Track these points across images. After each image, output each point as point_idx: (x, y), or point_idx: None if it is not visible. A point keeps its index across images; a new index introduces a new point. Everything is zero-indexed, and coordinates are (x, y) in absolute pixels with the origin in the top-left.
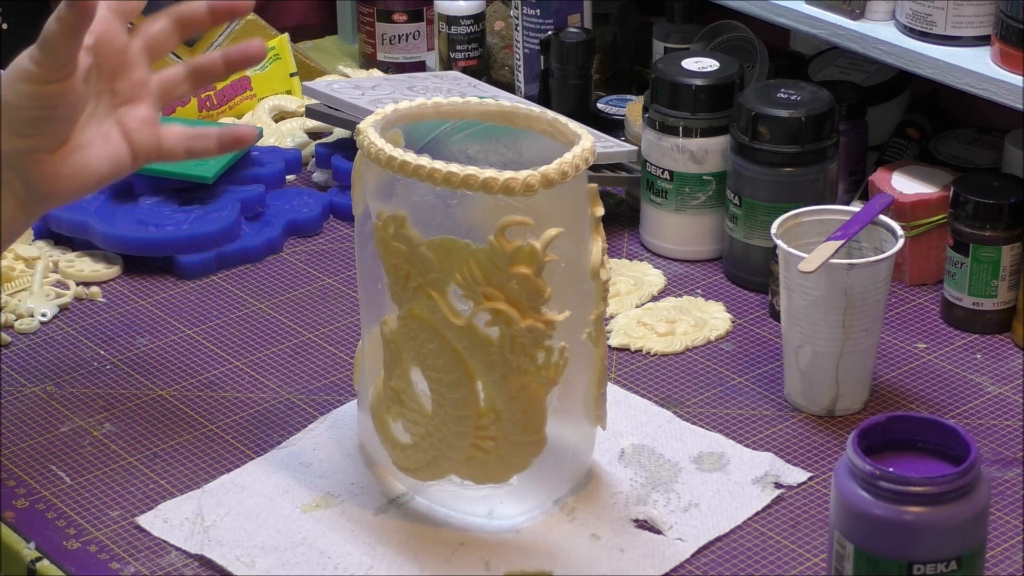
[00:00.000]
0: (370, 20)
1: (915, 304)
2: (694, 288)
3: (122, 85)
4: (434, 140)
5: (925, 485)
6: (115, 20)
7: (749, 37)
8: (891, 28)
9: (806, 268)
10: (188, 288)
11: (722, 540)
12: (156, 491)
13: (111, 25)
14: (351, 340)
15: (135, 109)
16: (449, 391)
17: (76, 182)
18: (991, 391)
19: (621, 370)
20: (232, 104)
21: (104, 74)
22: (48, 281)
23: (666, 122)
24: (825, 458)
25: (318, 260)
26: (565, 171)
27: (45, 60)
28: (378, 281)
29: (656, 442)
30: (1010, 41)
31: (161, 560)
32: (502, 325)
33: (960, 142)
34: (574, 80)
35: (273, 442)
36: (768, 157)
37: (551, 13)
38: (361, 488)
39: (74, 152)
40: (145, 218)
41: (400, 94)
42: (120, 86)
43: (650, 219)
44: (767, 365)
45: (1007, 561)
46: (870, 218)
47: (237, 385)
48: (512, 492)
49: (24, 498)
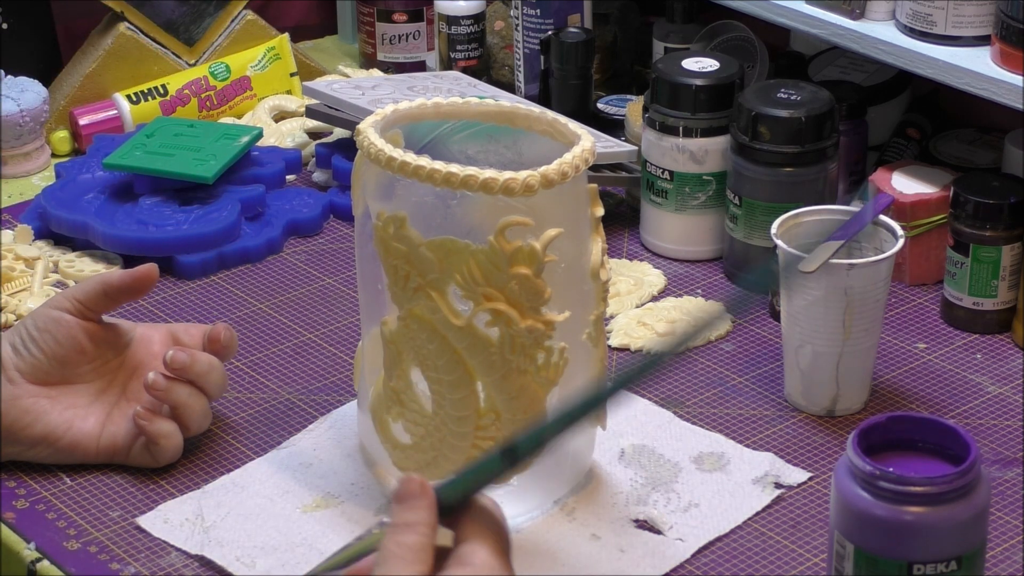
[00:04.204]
0: (370, 20)
1: (915, 304)
2: (694, 288)
3: (134, 385)
4: (434, 140)
5: (925, 485)
6: (172, 342)
7: (749, 37)
8: (891, 28)
9: (806, 268)
10: (188, 288)
11: (722, 540)
12: (156, 492)
13: (167, 344)
14: (351, 340)
15: (128, 408)
16: (449, 391)
17: (29, 423)
18: (991, 391)
19: (621, 370)
20: (232, 104)
21: (126, 368)
22: (48, 281)
23: (666, 122)
24: (825, 458)
25: (318, 260)
26: (565, 171)
27: (85, 300)
28: (378, 281)
29: (656, 442)
30: (1010, 41)
31: (161, 561)
32: (502, 326)
33: (960, 142)
34: (574, 80)
35: (273, 442)
36: (768, 157)
37: (551, 13)
38: (361, 488)
39: (51, 400)
40: (145, 218)
41: (400, 94)
42: (132, 385)
43: (650, 219)
44: (767, 365)
45: (1007, 561)
46: (870, 218)
47: (237, 385)
48: (512, 492)
49: (24, 498)
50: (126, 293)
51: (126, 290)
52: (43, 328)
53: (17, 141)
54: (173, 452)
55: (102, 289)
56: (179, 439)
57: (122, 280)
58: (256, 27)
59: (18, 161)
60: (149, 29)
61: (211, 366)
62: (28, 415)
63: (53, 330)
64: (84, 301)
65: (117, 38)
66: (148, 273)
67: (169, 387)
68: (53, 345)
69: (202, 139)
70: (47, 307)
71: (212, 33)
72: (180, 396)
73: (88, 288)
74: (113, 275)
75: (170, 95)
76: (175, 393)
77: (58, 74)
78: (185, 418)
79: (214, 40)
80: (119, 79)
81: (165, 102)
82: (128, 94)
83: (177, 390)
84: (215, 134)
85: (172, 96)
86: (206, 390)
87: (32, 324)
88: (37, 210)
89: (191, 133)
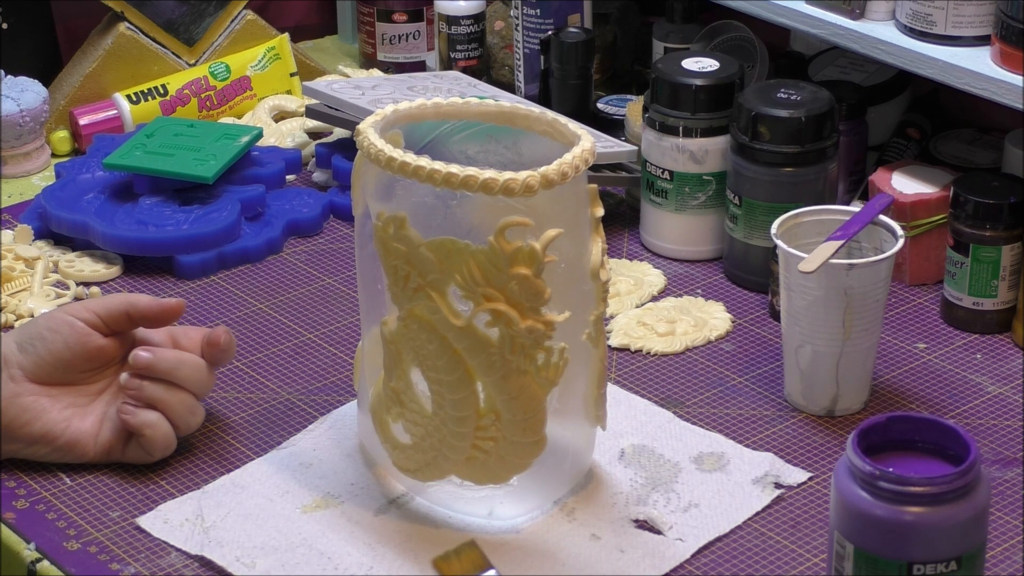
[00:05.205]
0: (370, 20)
1: (915, 304)
2: (694, 288)
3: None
4: (434, 141)
5: (925, 485)
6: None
7: (749, 37)
8: (891, 28)
9: (806, 268)
10: (188, 288)
11: (722, 540)
12: (156, 492)
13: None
14: (351, 340)
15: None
16: (449, 392)
17: (29, 420)
18: (991, 391)
19: (621, 370)
20: (232, 104)
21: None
22: (48, 281)
23: (666, 122)
24: (825, 458)
25: (318, 260)
26: (565, 172)
27: (106, 317)
28: (378, 282)
29: (656, 442)
30: (1010, 41)
31: (161, 561)
32: (502, 326)
33: (960, 142)
34: (574, 80)
35: (273, 442)
36: (768, 157)
37: (551, 13)
38: (361, 489)
39: (51, 399)
40: (145, 218)
41: (400, 94)
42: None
43: (650, 219)
44: (767, 365)
45: (1007, 561)
46: (870, 218)
47: (237, 385)
48: (512, 492)
49: (24, 498)
50: (151, 321)
51: (152, 318)
52: (54, 329)
53: (17, 141)
54: (163, 443)
55: (126, 311)
56: (166, 428)
57: (149, 308)
58: (256, 27)
59: (18, 161)
60: (149, 29)
61: (179, 363)
62: (27, 413)
63: (65, 333)
64: (105, 318)
65: (117, 38)
66: (176, 307)
67: (142, 386)
68: (61, 347)
69: (202, 139)
70: (63, 311)
71: (212, 33)
72: (155, 393)
73: (111, 306)
74: (140, 300)
75: (170, 95)
76: (149, 391)
77: (58, 74)
78: (168, 414)
79: (214, 40)
80: (119, 79)
81: (165, 102)
82: (128, 94)
83: (150, 388)
84: (215, 134)
85: (172, 96)
86: (183, 386)
87: (44, 324)
88: (37, 210)
89: (191, 133)
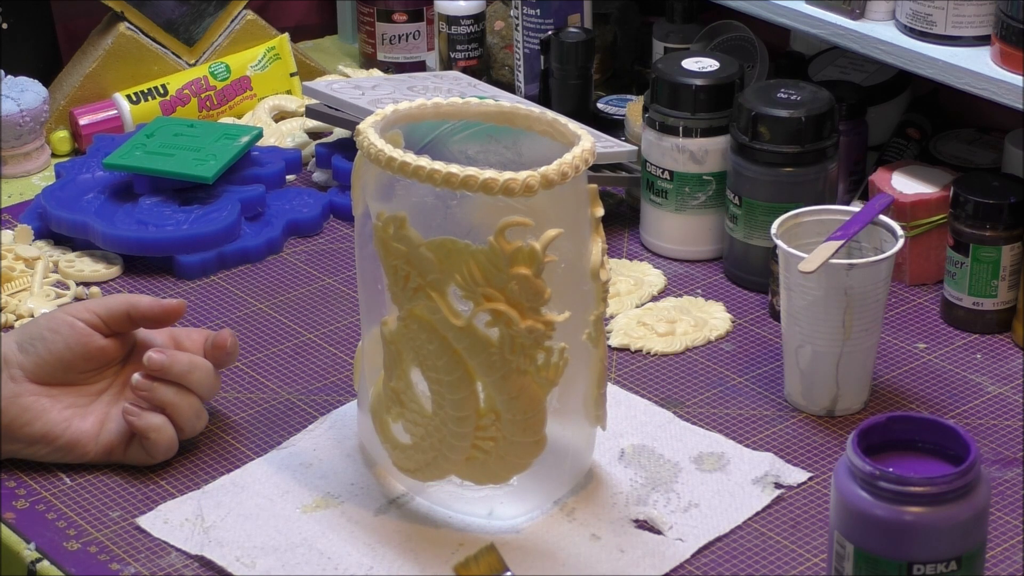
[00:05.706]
0: (370, 20)
1: (915, 304)
2: (694, 288)
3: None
4: (434, 141)
5: (925, 485)
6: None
7: (749, 37)
8: (891, 28)
9: (806, 268)
10: (188, 288)
11: (722, 540)
12: (156, 492)
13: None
14: (351, 340)
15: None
16: (449, 392)
17: (30, 419)
18: (991, 391)
19: (621, 370)
20: (232, 104)
21: (127, 370)
22: (48, 281)
23: (666, 122)
24: (825, 458)
25: (318, 260)
26: (565, 172)
27: (107, 317)
28: (378, 282)
29: (656, 442)
30: (1010, 41)
31: (161, 561)
32: (502, 326)
33: (960, 142)
34: (574, 80)
35: (273, 442)
36: (768, 157)
37: (551, 13)
38: (361, 489)
39: (51, 399)
40: (145, 218)
41: (400, 94)
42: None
43: (650, 219)
44: (767, 365)
45: (1007, 561)
46: (870, 218)
47: (237, 385)
48: (512, 492)
49: (24, 498)
50: (151, 322)
51: (153, 319)
52: (55, 330)
53: (17, 141)
54: (166, 446)
55: (127, 312)
56: (170, 432)
57: (150, 309)
58: (256, 27)
59: (18, 161)
60: (149, 29)
61: (192, 366)
62: (28, 413)
63: (65, 333)
64: (105, 318)
65: (117, 38)
66: (177, 308)
67: (153, 387)
68: (62, 348)
69: (202, 139)
70: (64, 312)
71: (212, 33)
72: (166, 396)
73: (112, 306)
74: (142, 301)
75: (170, 95)
76: (160, 393)
77: (58, 74)
78: (175, 417)
79: (214, 40)
80: (119, 79)
81: (165, 102)
82: (128, 94)
83: (162, 390)
84: (215, 134)
85: (172, 96)
86: (193, 390)
87: (45, 324)
88: (37, 210)
89: (191, 133)
